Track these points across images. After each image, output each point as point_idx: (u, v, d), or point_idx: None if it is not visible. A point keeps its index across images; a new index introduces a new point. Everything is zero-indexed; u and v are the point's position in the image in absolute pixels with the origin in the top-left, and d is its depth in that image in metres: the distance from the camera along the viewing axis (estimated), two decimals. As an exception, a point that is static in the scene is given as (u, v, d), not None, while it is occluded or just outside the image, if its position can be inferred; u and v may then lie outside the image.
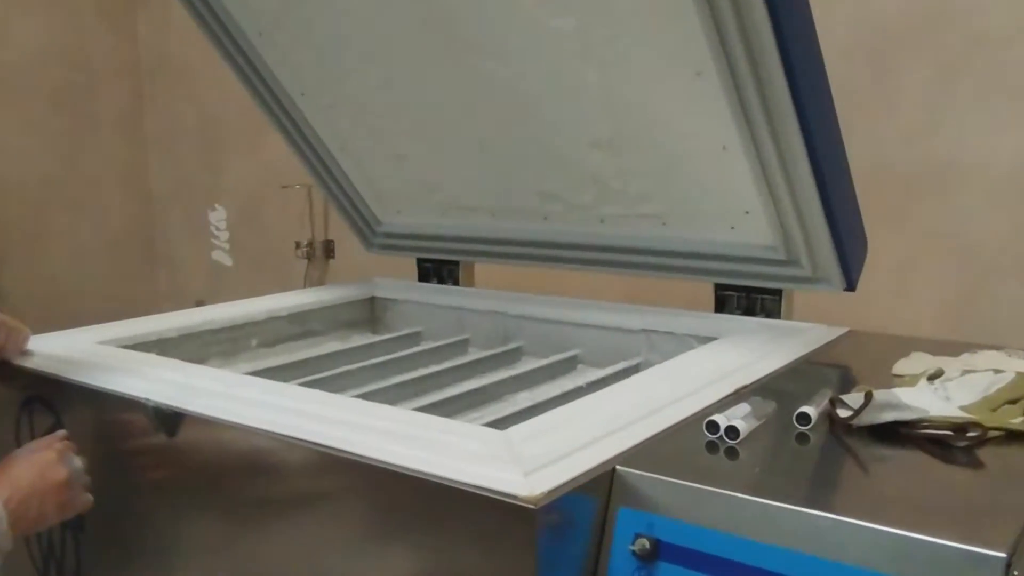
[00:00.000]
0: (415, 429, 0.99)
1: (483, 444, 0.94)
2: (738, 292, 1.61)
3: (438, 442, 0.95)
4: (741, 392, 1.14)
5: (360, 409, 1.08)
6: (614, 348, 1.61)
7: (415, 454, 0.91)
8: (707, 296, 1.91)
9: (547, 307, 1.70)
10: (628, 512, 0.89)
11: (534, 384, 1.53)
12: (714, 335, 1.50)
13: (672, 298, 2.02)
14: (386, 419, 1.03)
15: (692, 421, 1.03)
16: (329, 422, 1.02)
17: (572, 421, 1.01)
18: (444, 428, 1.01)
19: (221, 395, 1.14)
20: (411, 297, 1.89)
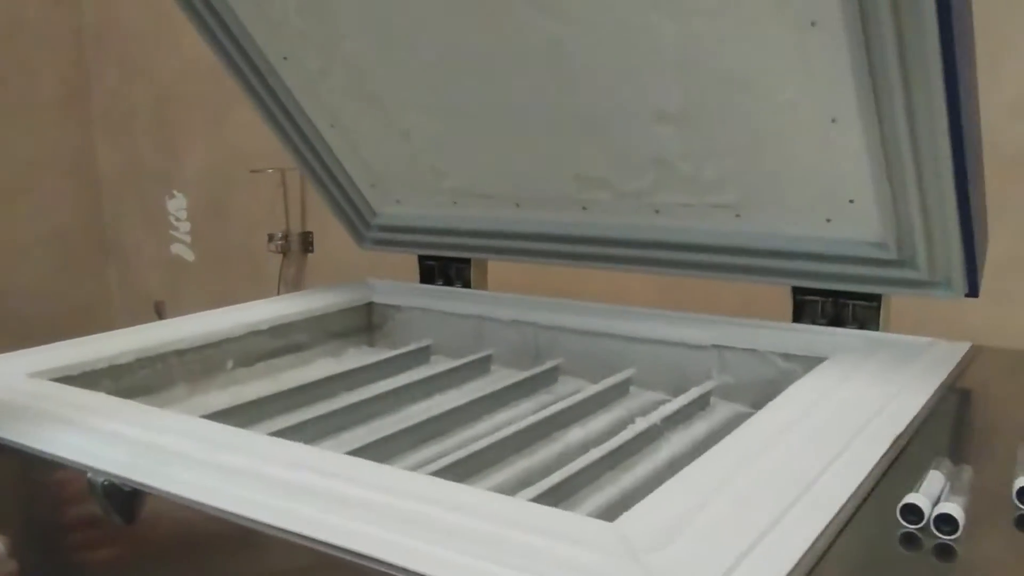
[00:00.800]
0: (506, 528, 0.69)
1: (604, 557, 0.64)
2: (824, 297, 1.33)
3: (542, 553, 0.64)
4: (900, 445, 0.86)
5: (410, 486, 0.77)
6: (676, 368, 1.32)
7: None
8: (761, 303, 1.63)
9: (588, 316, 1.40)
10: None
11: (584, 416, 1.23)
12: (805, 352, 1.22)
13: (714, 304, 1.73)
14: (453, 505, 0.73)
15: (864, 500, 0.74)
16: (370, 512, 0.71)
17: (705, 509, 0.71)
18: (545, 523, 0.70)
19: (197, 461, 0.83)
20: (416, 303, 1.58)
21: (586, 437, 1.17)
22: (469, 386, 1.39)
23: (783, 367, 1.23)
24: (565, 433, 1.17)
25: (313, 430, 1.16)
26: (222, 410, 1.17)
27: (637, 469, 1.05)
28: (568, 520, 0.71)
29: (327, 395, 1.33)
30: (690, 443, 1.14)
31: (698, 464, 0.80)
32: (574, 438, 1.16)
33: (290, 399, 1.28)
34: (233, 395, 1.34)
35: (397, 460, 1.10)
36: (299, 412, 1.27)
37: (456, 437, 1.17)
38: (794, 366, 1.23)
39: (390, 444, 1.10)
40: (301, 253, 2.49)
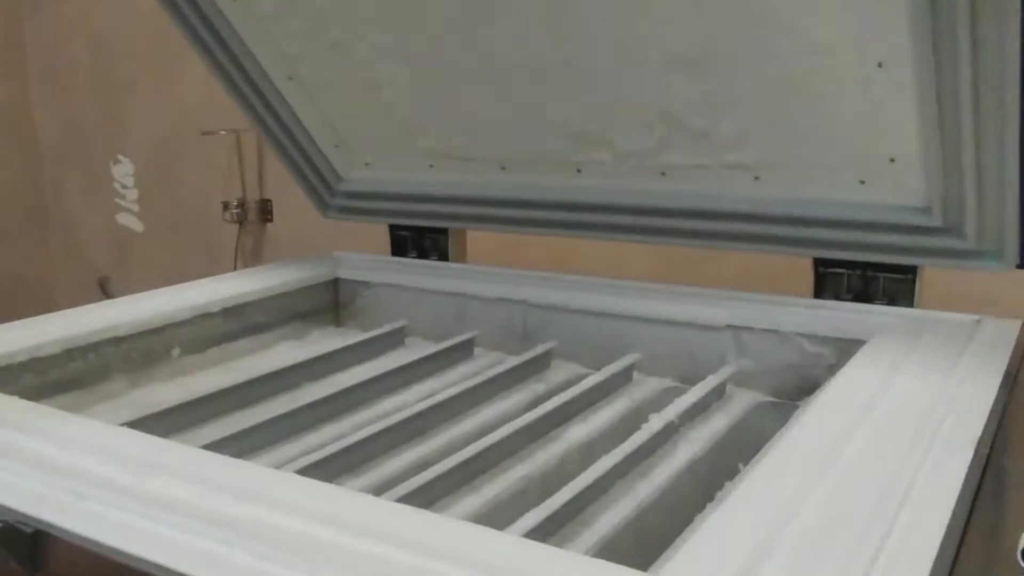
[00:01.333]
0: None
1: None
2: (850, 270, 1.18)
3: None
4: (983, 454, 0.71)
5: (392, 523, 0.61)
6: (686, 352, 1.17)
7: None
8: (768, 276, 1.48)
9: (585, 292, 1.24)
10: None
11: (585, 409, 1.07)
12: (835, 333, 1.08)
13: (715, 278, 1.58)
14: (447, 551, 0.56)
15: (963, 536, 0.59)
16: (341, 565, 0.55)
17: (773, 554, 0.56)
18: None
19: (121, 491, 0.66)
20: (388, 279, 1.41)
21: (589, 435, 1.01)
22: (450, 373, 1.22)
23: (809, 351, 1.09)
24: (565, 430, 1.02)
25: (273, 431, 1.00)
26: (162, 410, 1.00)
27: (653, 475, 0.90)
28: (581, 566, 0.55)
29: (290, 386, 1.17)
30: (708, 441, 0.99)
31: (748, 487, 0.65)
32: (575, 437, 1.00)
33: (246, 392, 1.11)
34: (180, 388, 1.17)
35: (373, 468, 0.93)
36: (257, 408, 1.10)
37: (440, 437, 1.01)
38: (822, 349, 1.08)
39: (364, 448, 0.94)
40: (259, 223, 2.29)
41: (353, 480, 0.90)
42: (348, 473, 0.92)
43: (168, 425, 1.01)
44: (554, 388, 1.18)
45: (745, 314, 1.12)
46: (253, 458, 0.96)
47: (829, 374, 1.07)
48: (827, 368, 1.08)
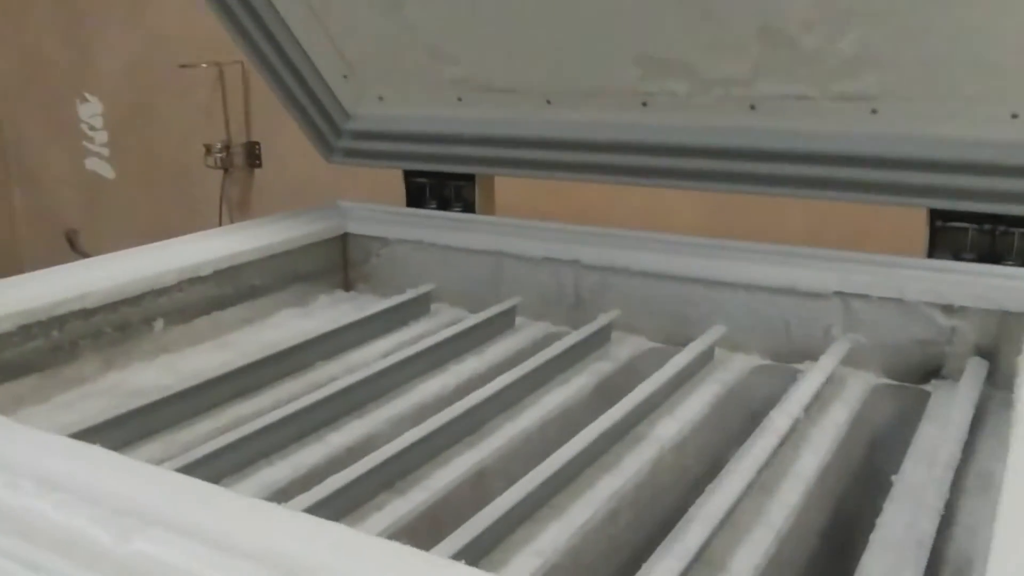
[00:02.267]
0: None
1: None
2: (976, 224, 0.98)
3: None
4: None
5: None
6: (781, 323, 0.96)
7: None
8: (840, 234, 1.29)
9: (652, 252, 1.03)
10: None
11: (669, 397, 0.87)
12: (981, 303, 0.88)
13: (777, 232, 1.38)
14: None
15: None
16: None
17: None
18: None
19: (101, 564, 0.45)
20: (409, 234, 1.20)
21: (680, 433, 0.81)
22: (492, 350, 1.02)
23: (943, 324, 0.89)
24: (652, 428, 0.82)
25: (286, 431, 0.79)
26: (144, 405, 0.79)
27: (781, 492, 0.70)
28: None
29: (299, 367, 0.96)
30: (835, 442, 0.79)
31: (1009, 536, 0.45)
32: (666, 435, 0.80)
33: (247, 378, 0.90)
34: (164, 370, 0.96)
35: (420, 482, 0.73)
36: (262, 397, 0.89)
37: (496, 437, 0.80)
38: (960, 323, 0.88)
39: (406, 459, 0.73)
40: (246, 168, 2.05)
41: (398, 501, 0.70)
42: (389, 490, 0.71)
43: (152, 422, 0.80)
44: (621, 367, 0.98)
45: (858, 278, 0.92)
46: (265, 470, 0.75)
47: (972, 353, 0.88)
48: (967, 346, 0.88)
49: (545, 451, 0.81)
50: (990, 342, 0.87)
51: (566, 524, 0.66)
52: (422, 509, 0.69)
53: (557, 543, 0.63)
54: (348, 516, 0.67)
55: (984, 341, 0.87)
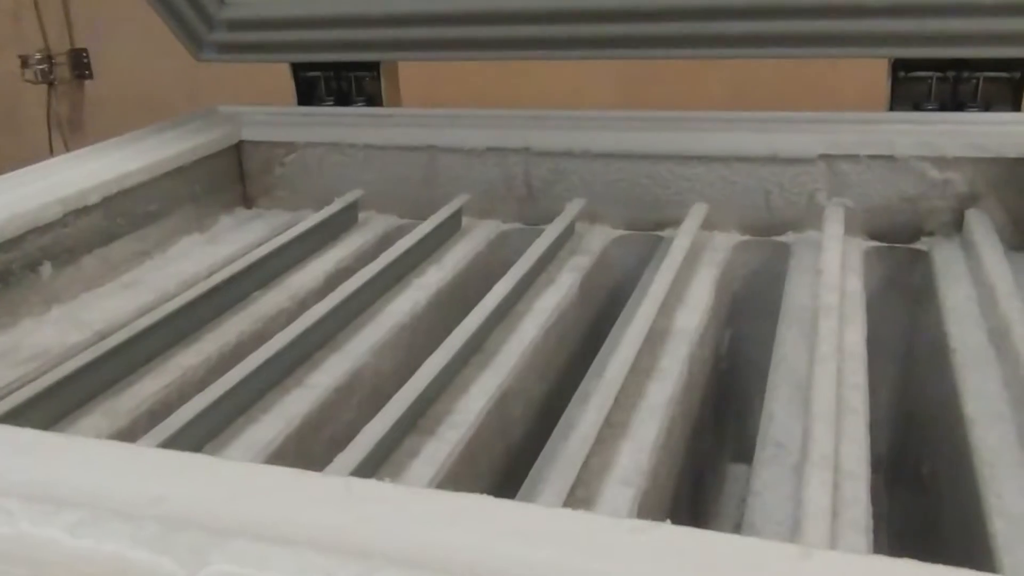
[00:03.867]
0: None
1: None
2: (939, 72, 0.94)
3: None
4: None
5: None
6: (760, 194, 0.90)
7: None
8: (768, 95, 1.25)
9: (609, 130, 0.94)
10: None
11: (676, 285, 0.79)
12: (974, 154, 0.84)
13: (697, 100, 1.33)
14: None
15: None
16: None
17: None
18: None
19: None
20: (319, 135, 1.04)
21: (701, 323, 0.74)
22: (450, 257, 0.90)
23: (935, 178, 0.85)
24: (671, 321, 0.73)
25: (256, 382, 0.65)
26: (69, 374, 0.63)
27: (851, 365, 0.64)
28: None
29: (233, 301, 0.81)
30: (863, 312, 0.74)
31: None
32: (689, 327, 0.72)
33: (180, 321, 0.74)
34: (65, 323, 0.78)
35: (444, 421, 0.62)
36: (203, 342, 0.74)
37: (504, 356, 0.70)
38: (953, 175, 0.84)
39: (423, 397, 0.61)
40: (74, 81, 1.76)
41: (432, 443, 0.59)
42: (415, 432, 0.60)
43: (81, 389, 0.64)
44: (603, 262, 0.89)
45: (845, 138, 0.86)
46: (250, 429, 0.61)
47: (962, 205, 0.85)
48: (957, 198, 0.85)
49: (550, 364, 0.72)
50: (981, 191, 0.84)
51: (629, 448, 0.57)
52: (460, 449, 0.58)
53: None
54: (385, 467, 0.55)
55: (975, 191, 0.84)
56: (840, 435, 0.55)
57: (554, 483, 0.48)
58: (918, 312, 0.81)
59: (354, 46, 1.09)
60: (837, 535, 0.45)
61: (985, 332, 0.66)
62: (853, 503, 0.49)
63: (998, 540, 0.45)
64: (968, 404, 0.58)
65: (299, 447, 0.61)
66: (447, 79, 1.38)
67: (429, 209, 0.94)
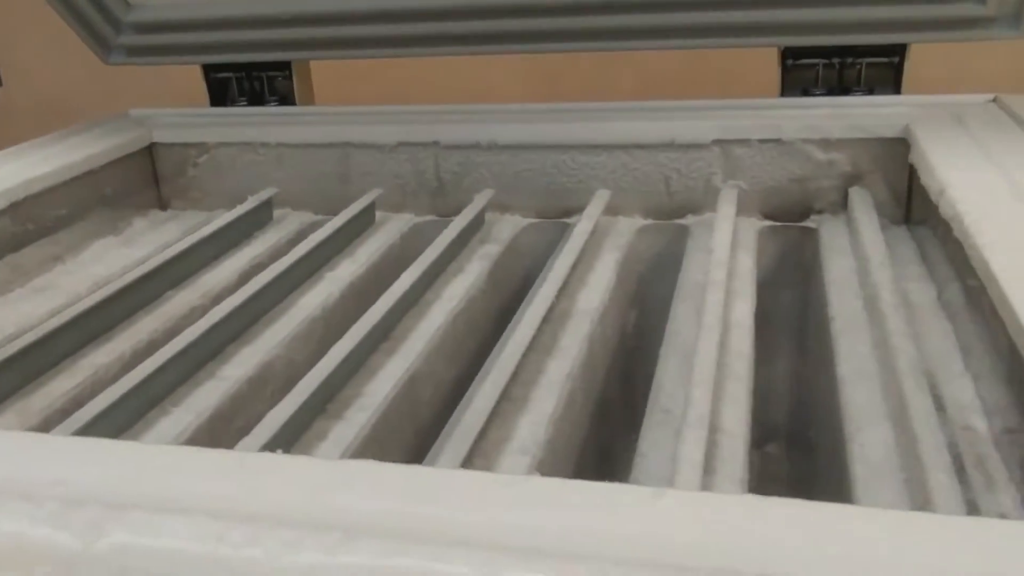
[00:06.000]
0: None
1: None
2: (825, 59, 1.00)
3: None
4: None
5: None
6: (660, 179, 0.94)
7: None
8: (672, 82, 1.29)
9: (514, 124, 0.97)
10: None
11: (578, 270, 0.83)
12: (855, 135, 0.89)
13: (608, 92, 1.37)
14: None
15: None
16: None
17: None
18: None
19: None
20: (232, 135, 1.05)
21: (602, 303, 0.77)
22: (363, 251, 0.92)
23: (820, 159, 0.90)
24: (573, 302, 0.77)
25: (170, 375, 0.66)
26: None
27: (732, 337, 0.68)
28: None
29: (146, 301, 0.82)
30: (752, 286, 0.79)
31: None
32: (590, 307, 0.76)
33: (92, 321, 0.75)
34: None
35: (353, 404, 0.64)
36: (115, 341, 0.75)
37: (412, 341, 0.72)
38: (836, 156, 0.89)
39: (329, 383, 0.64)
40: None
41: (339, 426, 0.61)
42: (324, 416, 0.62)
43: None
44: (512, 249, 0.92)
45: (737, 123, 0.90)
46: (162, 421, 0.63)
47: (847, 184, 0.90)
48: (842, 177, 0.90)
49: (459, 349, 0.75)
50: (864, 170, 0.89)
51: (536, 417, 0.60)
52: (367, 432, 0.61)
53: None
54: (294, 448, 0.58)
55: (858, 170, 0.89)
56: (722, 398, 0.59)
57: (451, 453, 0.51)
58: (808, 286, 0.86)
59: (263, 46, 1.10)
60: (712, 488, 0.49)
61: (861, 300, 0.71)
62: (730, 459, 0.53)
63: (857, 483, 0.49)
64: (841, 365, 0.62)
65: (210, 437, 0.63)
66: (361, 77, 1.40)
67: (343, 205, 0.96)
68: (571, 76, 1.38)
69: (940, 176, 0.70)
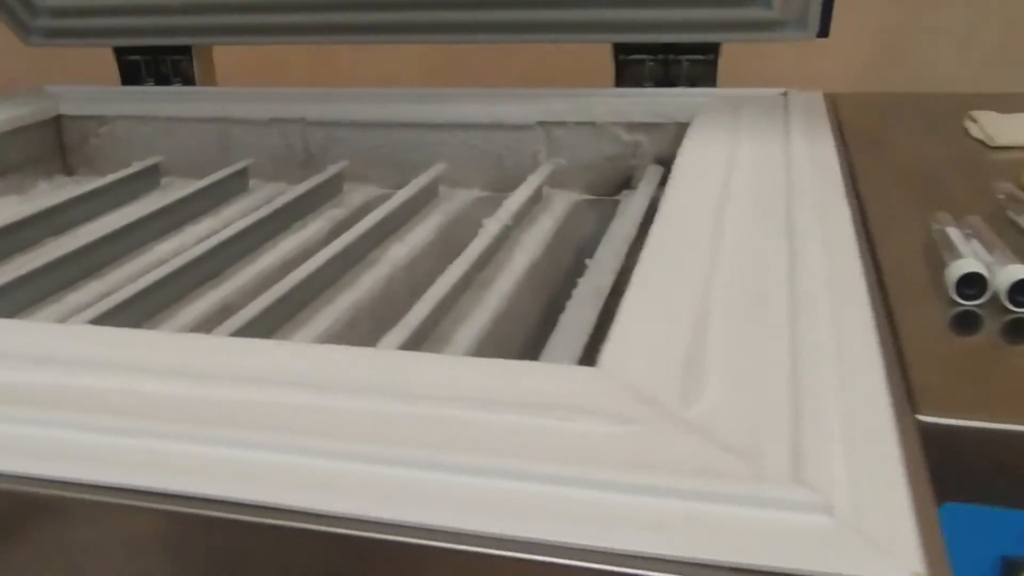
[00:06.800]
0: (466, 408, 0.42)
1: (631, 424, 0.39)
2: (652, 55, 1.12)
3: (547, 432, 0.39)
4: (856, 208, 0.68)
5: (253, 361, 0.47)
6: (493, 156, 1.07)
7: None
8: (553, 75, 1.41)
9: (372, 103, 1.09)
10: (968, 513, 0.41)
11: (399, 228, 0.96)
12: (655, 119, 1.01)
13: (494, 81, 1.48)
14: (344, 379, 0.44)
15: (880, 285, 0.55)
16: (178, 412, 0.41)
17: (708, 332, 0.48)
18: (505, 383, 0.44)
19: None
20: (128, 110, 1.18)
21: (411, 254, 0.90)
22: (228, 210, 1.05)
23: (627, 140, 1.02)
24: (385, 251, 0.89)
25: (21, 294, 0.79)
26: None
27: (499, 284, 0.81)
28: (528, 372, 0.45)
29: (25, 245, 0.94)
30: (543, 244, 0.91)
31: (650, 275, 0.57)
32: (398, 256, 0.89)
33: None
34: None
35: (167, 320, 0.77)
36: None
37: (239, 277, 0.85)
38: (640, 138, 1.02)
39: (149, 299, 0.76)
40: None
41: (144, 336, 0.73)
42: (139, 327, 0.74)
43: None
44: (355, 212, 1.04)
45: (556, 108, 1.03)
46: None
47: (650, 162, 1.02)
48: (647, 157, 1.02)
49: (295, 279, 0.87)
50: (665, 151, 1.01)
51: (310, 330, 0.73)
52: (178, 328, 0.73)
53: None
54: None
55: (661, 151, 1.01)
56: (462, 322, 0.71)
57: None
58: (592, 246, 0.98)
59: (166, 32, 1.22)
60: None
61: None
62: (442, 362, 0.65)
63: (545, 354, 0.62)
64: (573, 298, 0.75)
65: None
66: (268, 65, 1.53)
67: (223, 173, 1.08)
68: (461, 68, 1.51)
69: (682, 151, 0.83)
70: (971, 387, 0.44)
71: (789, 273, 0.54)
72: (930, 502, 0.35)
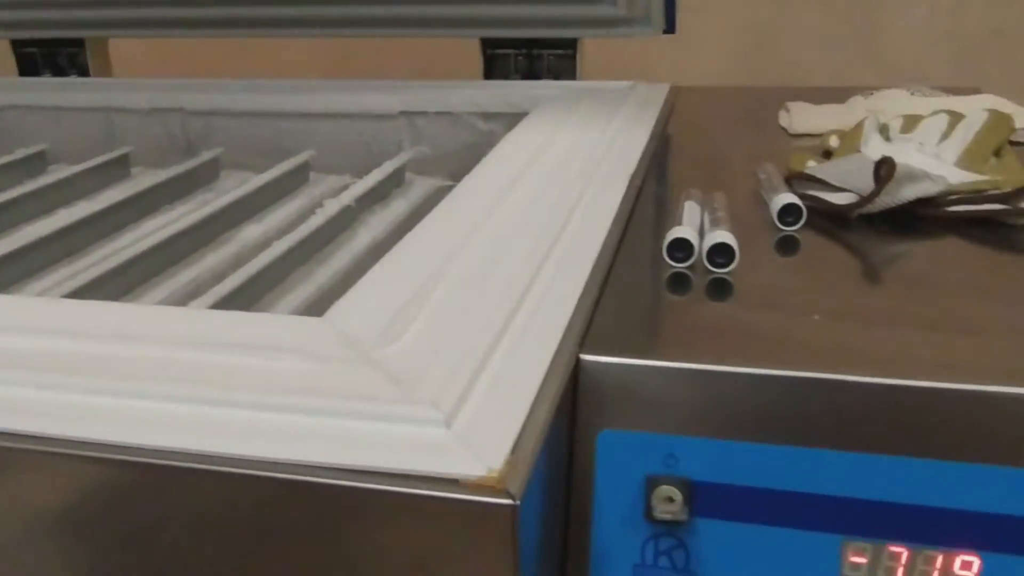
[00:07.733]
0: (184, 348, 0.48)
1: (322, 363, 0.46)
2: (517, 50, 1.19)
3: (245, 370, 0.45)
4: (636, 186, 0.75)
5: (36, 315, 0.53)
6: (362, 144, 1.13)
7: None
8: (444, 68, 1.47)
9: (249, 93, 1.15)
10: (621, 438, 0.47)
11: (259, 211, 1.01)
12: (505, 109, 1.08)
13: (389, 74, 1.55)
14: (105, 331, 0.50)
15: (618, 250, 0.62)
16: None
17: (435, 291, 0.55)
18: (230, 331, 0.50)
19: None
20: (16, 99, 1.22)
21: (265, 233, 0.96)
22: (105, 194, 1.10)
23: (483, 129, 1.09)
24: (239, 231, 0.95)
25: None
26: None
27: (334, 260, 0.87)
28: (261, 323, 0.52)
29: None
30: (392, 225, 0.97)
31: (410, 243, 0.63)
32: (250, 236, 0.94)
33: None
34: None
35: (16, 289, 0.82)
36: None
37: (95, 254, 0.91)
38: (495, 126, 1.09)
39: (3, 271, 0.82)
40: None
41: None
42: None
43: None
44: (224, 195, 1.10)
45: (417, 98, 1.09)
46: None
47: (503, 150, 1.09)
48: (501, 144, 1.09)
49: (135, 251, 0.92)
50: (517, 139, 1.08)
51: (147, 299, 0.79)
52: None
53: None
54: None
55: (513, 138, 1.08)
56: (284, 295, 0.77)
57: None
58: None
59: (59, 24, 1.27)
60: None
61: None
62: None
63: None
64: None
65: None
66: (176, 58, 1.58)
67: (107, 160, 1.13)
68: (359, 60, 1.57)
69: (507, 137, 0.89)
70: (642, 335, 0.51)
71: (539, 242, 0.60)
72: (545, 423, 0.41)
